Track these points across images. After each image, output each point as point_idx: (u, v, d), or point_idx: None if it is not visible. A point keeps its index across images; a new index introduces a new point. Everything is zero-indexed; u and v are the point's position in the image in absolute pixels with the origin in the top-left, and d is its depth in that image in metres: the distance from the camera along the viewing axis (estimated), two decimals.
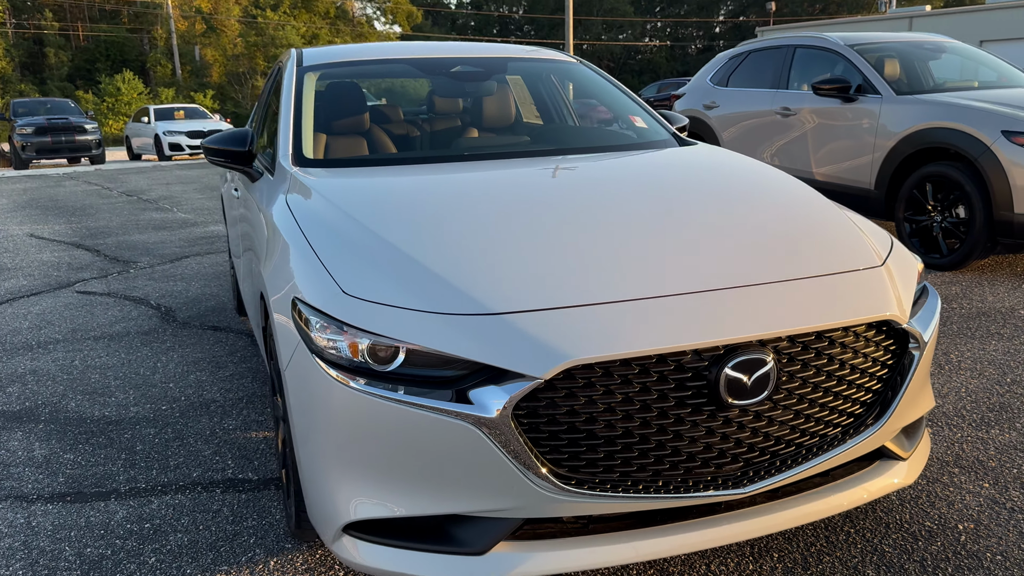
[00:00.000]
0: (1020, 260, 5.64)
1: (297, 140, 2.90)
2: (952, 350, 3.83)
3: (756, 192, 2.59)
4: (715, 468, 1.82)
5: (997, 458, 2.75)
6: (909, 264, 2.23)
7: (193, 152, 20.72)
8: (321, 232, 2.20)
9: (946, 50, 6.68)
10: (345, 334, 1.82)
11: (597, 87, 3.66)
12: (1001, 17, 37.08)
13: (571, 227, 2.17)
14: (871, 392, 1.99)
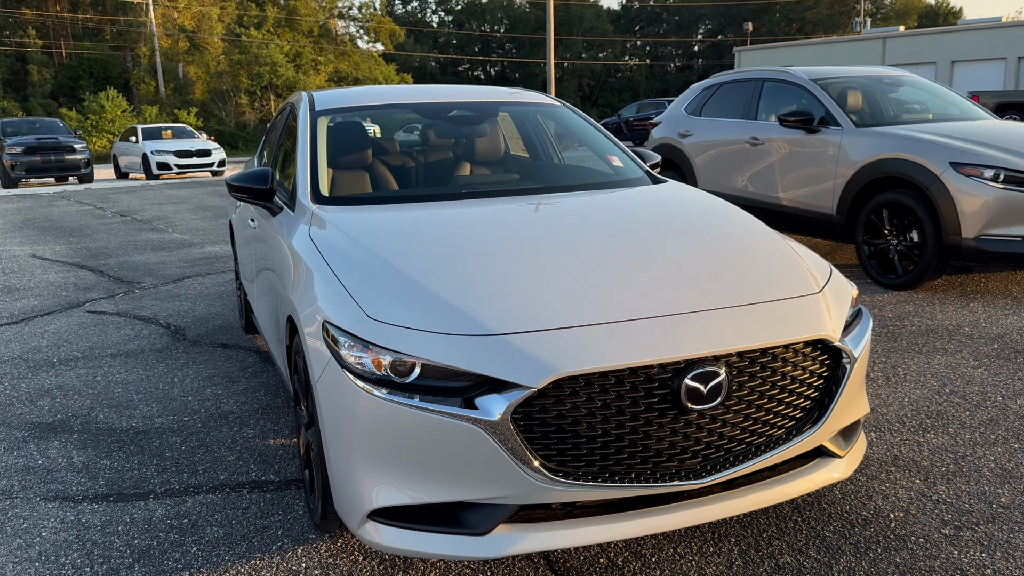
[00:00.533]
0: (969, 280, 6.09)
1: (315, 180, 3.27)
2: (900, 363, 4.24)
3: (715, 227, 2.99)
4: (678, 462, 2.20)
5: (929, 459, 3.15)
6: (844, 290, 2.63)
7: (180, 171, 20.99)
8: (344, 263, 2.57)
9: (904, 84, 7.16)
10: (370, 352, 2.19)
11: (578, 128, 4.06)
12: (972, 39, 38.18)
13: (558, 259, 2.55)
14: (810, 399, 2.38)
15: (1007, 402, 3.69)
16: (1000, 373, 4.06)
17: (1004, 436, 3.32)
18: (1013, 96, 23.51)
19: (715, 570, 2.43)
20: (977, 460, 3.11)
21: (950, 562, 2.44)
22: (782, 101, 7.02)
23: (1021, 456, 3.14)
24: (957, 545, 2.53)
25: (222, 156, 21.83)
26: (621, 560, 2.49)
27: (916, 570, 2.41)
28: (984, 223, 5.31)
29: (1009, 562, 2.43)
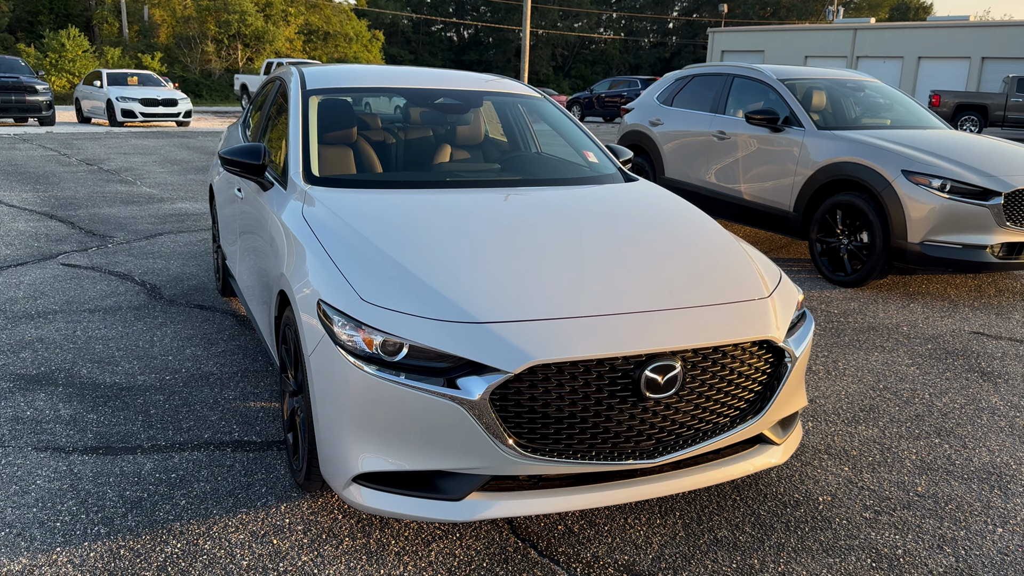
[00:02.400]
0: (911, 282, 6.47)
1: (307, 160, 3.44)
2: (841, 359, 4.58)
3: (679, 229, 3.25)
4: (634, 444, 2.47)
5: (859, 448, 3.47)
6: (791, 295, 2.91)
7: (145, 120, 20.66)
8: (337, 244, 2.77)
9: (866, 88, 7.48)
10: (362, 331, 2.40)
11: (557, 121, 4.27)
12: (939, 36, 38.89)
13: (536, 253, 2.78)
14: (753, 392, 2.66)
15: (933, 399, 4.03)
16: (931, 372, 4.42)
17: (927, 431, 3.66)
18: (973, 97, 24.19)
19: (660, 540, 2.71)
20: (901, 452, 3.44)
21: (867, 542, 2.76)
22: (750, 98, 7.29)
23: (940, 450, 3.48)
24: (875, 527, 2.85)
25: (189, 107, 21.51)
26: (577, 528, 2.76)
27: (837, 548, 2.72)
28: (929, 229, 5.66)
29: (918, 544, 2.76)
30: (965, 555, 2.70)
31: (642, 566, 2.57)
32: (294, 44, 47.80)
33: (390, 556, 2.56)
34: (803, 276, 6.45)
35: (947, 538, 2.80)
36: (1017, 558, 2.70)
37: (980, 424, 3.76)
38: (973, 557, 2.69)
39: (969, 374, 4.41)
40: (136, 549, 2.57)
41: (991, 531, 2.86)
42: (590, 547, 2.66)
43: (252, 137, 4.65)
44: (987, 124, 23.62)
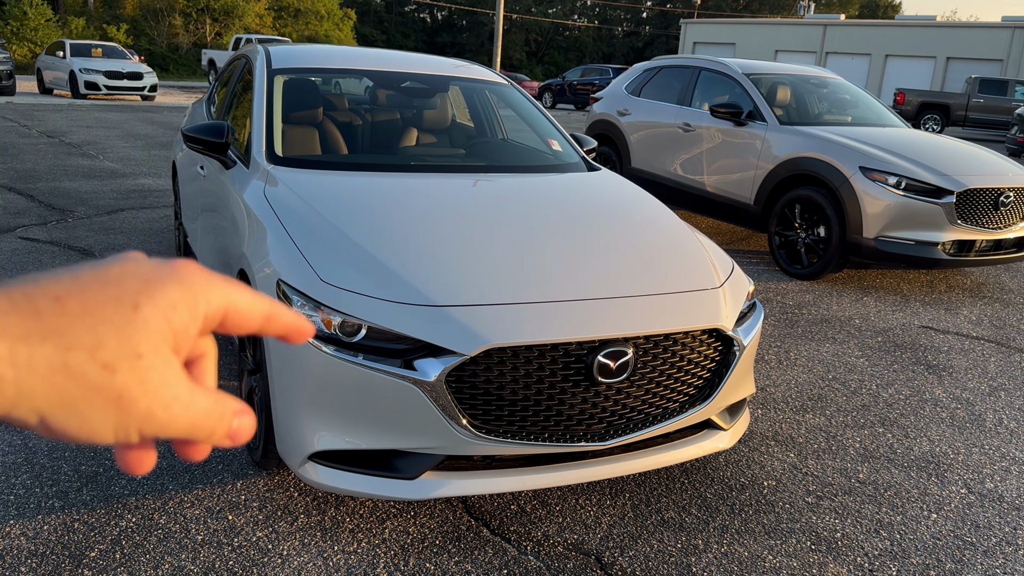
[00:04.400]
0: (866, 276, 6.63)
1: (270, 140, 3.45)
2: (793, 349, 4.70)
3: (637, 219, 3.32)
4: (586, 426, 2.54)
5: (805, 436, 3.58)
6: (742, 285, 2.99)
7: (109, 92, 20.27)
8: (298, 225, 2.79)
9: (828, 86, 7.61)
10: (321, 312, 2.44)
11: (524, 109, 4.31)
12: (907, 35, 39.47)
13: (496, 238, 2.83)
14: (702, 379, 2.74)
15: (880, 391, 4.17)
16: (879, 364, 4.55)
17: (871, 421, 3.79)
18: (936, 96, 24.63)
19: (610, 520, 2.79)
20: (845, 440, 3.57)
21: (808, 526, 2.86)
22: (715, 91, 7.38)
23: (883, 439, 3.61)
24: (816, 512, 2.96)
25: (154, 80, 21.13)
26: (530, 508, 2.83)
27: (779, 531, 2.82)
28: (883, 225, 5.80)
29: (856, 528, 2.87)
30: (900, 539, 2.82)
31: (590, 544, 2.65)
32: (264, 20, 47.09)
33: (344, 533, 2.61)
34: (761, 268, 6.58)
35: (884, 523, 2.92)
36: (948, 542, 2.82)
37: (923, 415, 3.90)
38: (907, 541, 2.81)
39: (915, 367, 4.55)
40: (90, 523, 2.59)
41: (926, 517, 2.98)
42: (541, 526, 2.73)
43: (216, 115, 4.63)
44: (949, 124, 24.09)
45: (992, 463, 3.45)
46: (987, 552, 2.78)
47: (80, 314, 0.40)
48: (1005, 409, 4.03)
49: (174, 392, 0.42)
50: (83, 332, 0.39)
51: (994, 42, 36.59)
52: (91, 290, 0.41)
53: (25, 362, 0.38)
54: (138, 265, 0.43)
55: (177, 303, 0.42)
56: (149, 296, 0.42)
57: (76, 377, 0.39)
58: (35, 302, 0.39)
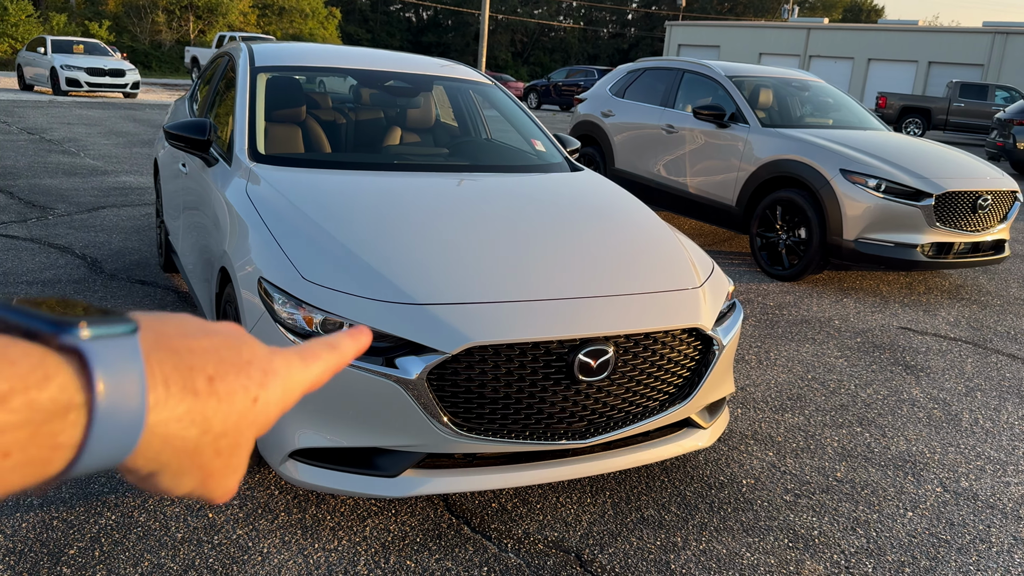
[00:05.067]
0: (846, 277, 6.69)
1: (252, 137, 3.44)
2: (773, 349, 4.74)
3: (619, 219, 3.34)
4: (566, 424, 2.55)
5: (784, 435, 3.62)
6: (722, 285, 3.02)
7: (91, 90, 20.10)
8: (280, 223, 2.79)
9: (810, 88, 7.68)
10: (302, 310, 2.44)
11: (507, 109, 4.33)
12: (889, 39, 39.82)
13: (478, 237, 2.84)
14: (682, 378, 2.76)
15: (858, 390, 4.21)
16: (858, 365, 4.60)
17: (850, 420, 3.83)
18: (918, 100, 24.86)
19: (589, 518, 2.81)
20: (824, 439, 3.60)
21: (786, 523, 2.90)
22: (699, 93, 7.43)
23: (861, 438, 3.65)
24: (794, 510, 2.99)
25: (136, 78, 20.97)
26: (511, 506, 2.84)
27: (757, 528, 2.85)
28: (863, 227, 5.87)
29: (833, 526, 2.90)
30: (876, 536, 2.86)
31: (570, 542, 2.67)
32: (248, 18, 46.86)
33: (325, 531, 2.61)
34: (743, 269, 6.63)
35: (860, 520, 2.95)
36: (923, 540, 2.86)
37: (900, 415, 3.94)
38: (883, 539, 2.85)
39: (894, 367, 4.61)
40: (69, 520, 2.57)
41: (902, 515, 3.02)
42: (521, 524, 2.74)
43: (199, 112, 4.61)
44: (930, 127, 24.32)
45: (967, 462, 3.49)
46: (961, 549, 2.82)
47: (222, 398, 0.43)
48: (981, 409, 4.09)
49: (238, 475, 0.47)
50: (219, 420, 0.42)
51: (975, 47, 37.00)
52: (231, 375, 0.43)
53: (172, 440, 0.41)
54: (255, 351, 0.46)
55: (277, 402, 0.46)
56: (265, 391, 0.45)
57: (195, 455, 0.42)
58: (195, 378, 0.41)
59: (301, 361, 0.49)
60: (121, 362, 0.38)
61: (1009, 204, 6.31)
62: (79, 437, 0.36)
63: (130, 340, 0.38)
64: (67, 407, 0.36)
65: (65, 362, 0.36)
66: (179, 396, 0.40)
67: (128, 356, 0.38)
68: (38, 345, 0.36)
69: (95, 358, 0.37)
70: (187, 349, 0.42)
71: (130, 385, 0.38)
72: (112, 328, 0.38)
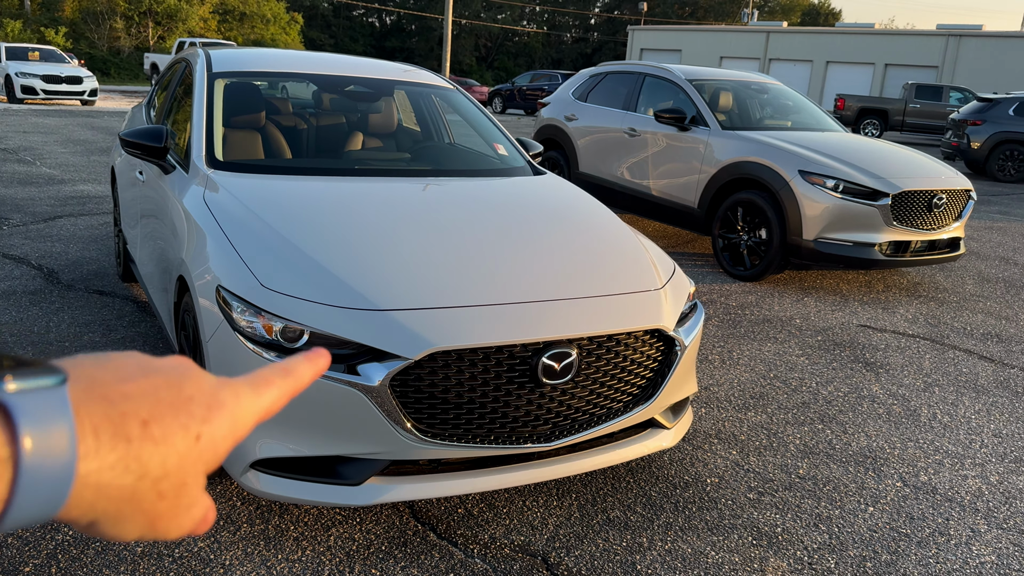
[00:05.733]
0: (807, 276, 6.79)
1: (210, 144, 3.40)
2: (736, 349, 4.79)
3: (581, 222, 3.35)
4: (531, 428, 2.55)
5: (747, 433, 3.66)
6: (683, 287, 3.05)
7: (48, 97, 19.72)
8: (238, 230, 2.76)
9: (769, 91, 7.79)
10: (261, 317, 2.41)
11: (469, 113, 4.33)
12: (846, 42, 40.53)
13: (440, 242, 2.84)
14: (645, 379, 2.78)
15: (819, 388, 4.27)
16: (819, 362, 4.67)
17: (811, 417, 3.88)
18: (875, 102, 25.33)
19: (556, 521, 2.81)
20: (786, 437, 3.65)
21: (750, 521, 2.92)
22: (660, 96, 7.49)
23: (822, 435, 3.70)
24: (758, 507, 3.02)
25: (94, 85, 20.62)
26: (476, 511, 2.83)
27: (721, 527, 2.87)
28: (822, 227, 5.96)
29: (796, 523, 2.94)
30: (838, 532, 2.90)
31: (537, 546, 2.67)
32: (208, 24, 46.34)
33: (288, 541, 2.59)
34: (706, 270, 6.70)
35: (823, 517, 2.99)
36: (884, 534, 2.91)
37: (860, 411, 4.01)
38: (845, 534, 2.89)
39: (854, 364, 4.68)
40: (24, 537, 2.52)
41: (863, 510, 3.06)
42: (488, 529, 2.74)
43: (156, 119, 4.55)
44: (887, 128, 24.79)
45: (926, 456, 3.56)
46: (921, 543, 2.87)
47: (158, 441, 0.42)
48: (939, 404, 4.17)
49: (192, 513, 0.46)
50: (157, 463, 0.41)
51: (929, 49, 37.81)
52: (169, 415, 0.43)
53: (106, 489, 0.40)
54: (199, 385, 0.45)
55: (226, 436, 0.45)
56: (209, 427, 0.44)
57: (134, 501, 0.41)
58: (127, 424, 0.41)
59: (252, 390, 0.48)
60: (48, 414, 0.37)
61: (963, 203, 6.45)
62: (4, 492, 0.36)
63: (57, 392, 0.38)
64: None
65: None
66: (110, 444, 0.40)
67: (55, 408, 0.38)
68: None
69: (20, 412, 0.36)
70: (120, 395, 0.41)
71: (58, 437, 0.37)
72: (39, 380, 0.38)
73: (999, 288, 6.79)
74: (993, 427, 3.92)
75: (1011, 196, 13.33)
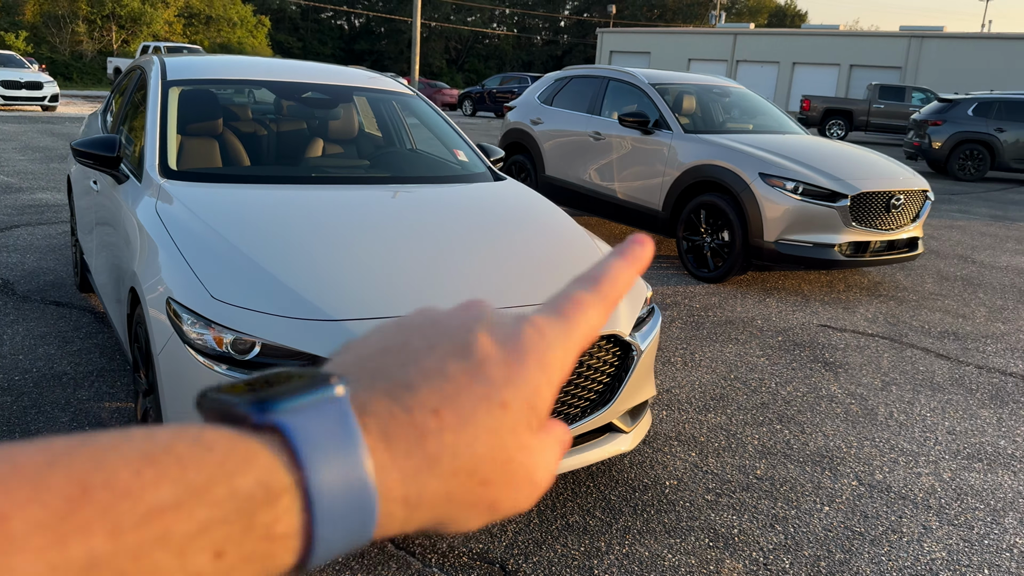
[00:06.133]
0: (769, 278, 6.87)
1: (163, 153, 3.36)
2: (698, 350, 4.83)
3: (538, 229, 3.36)
4: None
5: (706, 435, 3.69)
6: (639, 292, 3.07)
7: (7, 103, 19.38)
8: (190, 241, 2.74)
9: (731, 95, 7.87)
10: (212, 329, 2.39)
11: (430, 119, 4.32)
12: (812, 43, 41.04)
13: (396, 251, 2.83)
14: (602, 384, 2.80)
15: (778, 388, 4.32)
16: (779, 363, 4.72)
17: (770, 418, 3.93)
18: (840, 103, 25.70)
19: (515, 527, 2.82)
20: (745, 438, 3.68)
21: (707, 523, 2.95)
22: (624, 100, 7.54)
23: (780, 435, 3.74)
24: (715, 509, 3.05)
25: (55, 90, 20.30)
26: None
27: (679, 529, 2.90)
28: (783, 229, 6.03)
29: (752, 523, 2.97)
30: (793, 532, 2.93)
31: (495, 553, 2.67)
32: (174, 27, 45.84)
33: None
34: (671, 272, 6.75)
35: (779, 517, 3.03)
36: (839, 534, 2.95)
37: (819, 411, 4.06)
38: (800, 534, 2.93)
39: (813, 364, 4.74)
40: None
41: (818, 509, 3.11)
42: (445, 538, 2.73)
43: (112, 127, 4.49)
44: (852, 128, 25.15)
45: (882, 455, 3.61)
46: (874, 541, 2.91)
47: (456, 429, 0.36)
48: (896, 403, 4.23)
49: (536, 477, 0.39)
50: (462, 455, 0.36)
51: (893, 50, 38.41)
52: (463, 392, 0.37)
53: (416, 499, 0.35)
54: (491, 338, 0.39)
55: (541, 383, 0.39)
56: (514, 388, 0.38)
57: (455, 500, 0.36)
58: (417, 418, 0.35)
59: (559, 318, 0.41)
60: (329, 431, 0.33)
61: (920, 203, 6.56)
62: (298, 524, 0.32)
63: (335, 404, 0.33)
64: (276, 492, 0.31)
65: (266, 442, 0.32)
66: (404, 449, 0.35)
67: (336, 422, 0.33)
68: (235, 429, 0.32)
69: (297, 433, 0.32)
70: (403, 386, 0.36)
71: (344, 455, 0.33)
72: (313, 395, 0.33)
73: (957, 286, 6.91)
74: (947, 424, 3.99)
75: (971, 195, 13.60)
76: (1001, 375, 4.75)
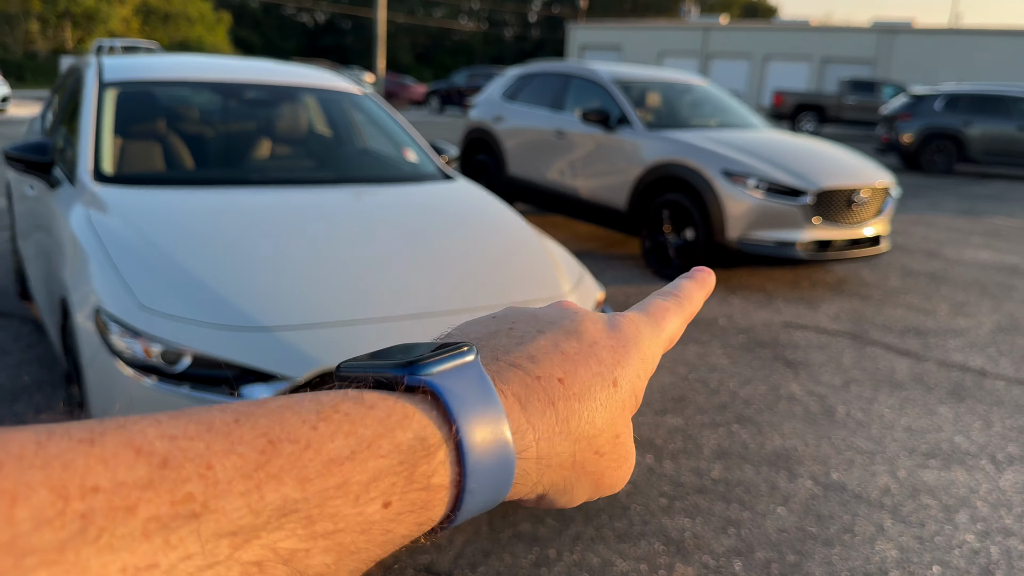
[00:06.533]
0: (733, 275, 6.85)
1: (97, 157, 3.24)
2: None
3: (487, 230, 3.30)
4: None
5: (663, 437, 3.64)
6: (590, 293, 3.01)
7: None
8: (120, 248, 2.63)
9: (695, 91, 7.84)
10: (140, 340, 2.29)
11: (380, 119, 4.23)
12: (784, 37, 41.28)
13: (334, 255, 2.75)
14: None
15: (738, 389, 4.29)
16: (740, 362, 4.70)
17: (728, 419, 3.89)
18: (812, 98, 25.85)
19: (463, 538, 2.75)
20: (701, 440, 3.64)
21: (660, 528, 2.90)
22: (587, 97, 7.49)
23: (738, 437, 3.71)
24: (669, 513, 3.00)
25: (6, 91, 19.86)
26: None
27: (631, 535, 2.84)
28: (745, 226, 6.01)
29: (705, 527, 2.93)
30: (746, 535, 2.89)
31: (441, 565, 2.60)
32: (130, 24, 45.08)
33: None
34: (635, 272, 6.71)
35: (732, 520, 2.99)
36: (792, 535, 2.91)
37: (777, 410, 4.03)
38: (753, 537, 2.89)
39: (774, 363, 4.72)
40: None
41: (772, 511, 3.07)
42: (394, 555, 2.65)
43: (49, 131, 4.35)
44: (824, 123, 25.31)
45: (839, 454, 3.59)
46: (827, 542, 2.88)
47: (579, 397, 0.40)
48: (855, 401, 4.22)
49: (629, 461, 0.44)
50: (586, 421, 0.40)
51: (864, 44, 38.73)
52: (582, 367, 0.41)
53: (546, 459, 0.38)
54: (597, 326, 0.43)
55: (640, 372, 0.43)
56: (622, 369, 0.42)
57: (576, 466, 0.40)
58: (546, 386, 0.39)
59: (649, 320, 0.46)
60: (474, 392, 0.36)
61: (883, 199, 6.57)
62: (452, 476, 0.35)
63: (475, 368, 0.37)
64: (433, 446, 0.34)
65: (417, 402, 0.35)
66: (539, 412, 0.38)
67: (478, 384, 0.36)
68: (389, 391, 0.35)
69: (448, 392, 0.35)
70: (527, 357, 0.40)
71: (489, 413, 0.36)
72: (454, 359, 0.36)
73: (921, 282, 6.94)
74: (905, 422, 3.98)
75: (939, 190, 13.72)
76: (960, 371, 4.76)
